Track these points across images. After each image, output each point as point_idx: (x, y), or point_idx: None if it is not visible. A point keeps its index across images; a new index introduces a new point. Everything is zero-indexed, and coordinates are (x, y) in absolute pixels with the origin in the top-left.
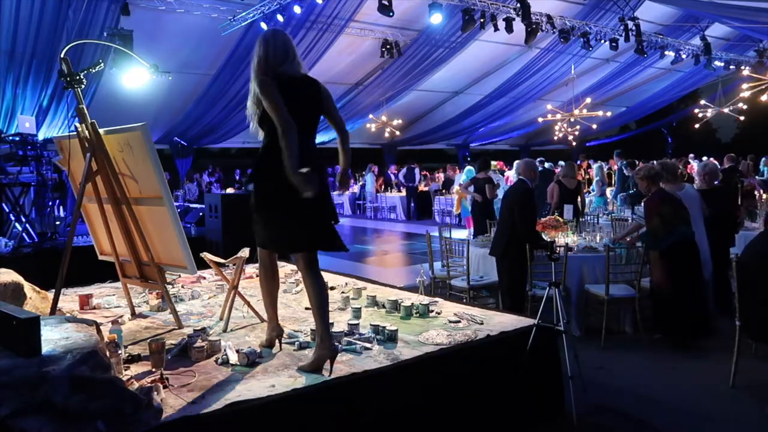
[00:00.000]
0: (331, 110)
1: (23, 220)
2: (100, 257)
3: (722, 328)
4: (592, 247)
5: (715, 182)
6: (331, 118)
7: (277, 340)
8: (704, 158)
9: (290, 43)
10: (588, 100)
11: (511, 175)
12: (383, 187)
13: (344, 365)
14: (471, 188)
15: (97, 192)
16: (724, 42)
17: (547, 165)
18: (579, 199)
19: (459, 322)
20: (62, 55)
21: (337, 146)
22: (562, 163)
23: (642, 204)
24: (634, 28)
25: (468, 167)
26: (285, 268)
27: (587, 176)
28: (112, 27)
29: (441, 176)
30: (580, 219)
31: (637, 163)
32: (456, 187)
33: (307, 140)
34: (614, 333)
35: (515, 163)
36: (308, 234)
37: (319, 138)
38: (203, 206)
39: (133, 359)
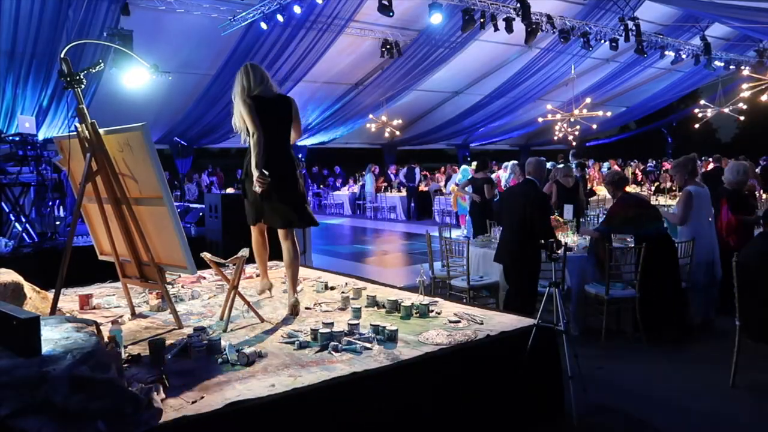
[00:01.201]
0: (295, 123)
1: (23, 220)
2: (100, 257)
3: (722, 328)
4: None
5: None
6: (294, 129)
7: (268, 290)
8: (703, 158)
9: (265, 72)
10: (588, 100)
11: (504, 176)
12: (384, 186)
13: (344, 365)
14: (469, 188)
15: (97, 192)
16: (724, 42)
17: (548, 165)
18: (578, 198)
19: (459, 322)
20: (62, 55)
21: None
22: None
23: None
24: (634, 28)
25: (464, 167)
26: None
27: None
28: (112, 27)
29: (443, 176)
30: (581, 219)
31: (585, 163)
32: (452, 186)
33: (280, 143)
34: (614, 333)
35: (509, 163)
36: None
37: (319, 138)
38: (203, 206)
39: (133, 359)
